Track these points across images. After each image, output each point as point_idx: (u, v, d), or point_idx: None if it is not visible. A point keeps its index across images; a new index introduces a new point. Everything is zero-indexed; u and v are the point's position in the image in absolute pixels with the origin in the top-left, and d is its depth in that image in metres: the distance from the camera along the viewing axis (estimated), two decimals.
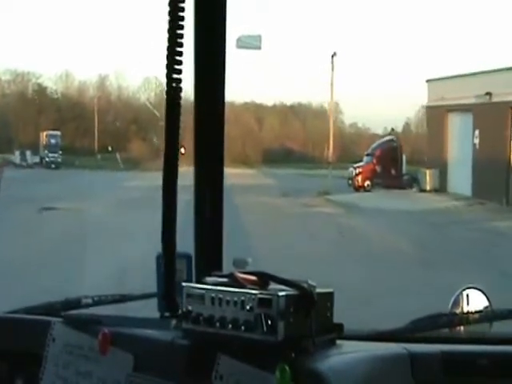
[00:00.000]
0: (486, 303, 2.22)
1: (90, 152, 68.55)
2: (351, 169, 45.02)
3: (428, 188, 39.80)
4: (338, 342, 1.93)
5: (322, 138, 72.68)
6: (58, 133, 63.34)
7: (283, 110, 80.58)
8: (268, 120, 76.96)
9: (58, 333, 2.23)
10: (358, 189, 42.88)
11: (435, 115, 40.90)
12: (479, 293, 2.24)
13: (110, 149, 64.87)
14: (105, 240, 17.72)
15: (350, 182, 44.19)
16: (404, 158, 46.95)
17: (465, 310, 2.20)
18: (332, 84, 47.70)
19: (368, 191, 42.31)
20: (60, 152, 61.03)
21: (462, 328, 2.12)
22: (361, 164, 45.55)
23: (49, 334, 2.24)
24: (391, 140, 47.90)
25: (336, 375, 1.73)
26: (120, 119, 75.10)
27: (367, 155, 46.72)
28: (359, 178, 43.74)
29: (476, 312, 2.17)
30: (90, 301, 2.43)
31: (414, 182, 43.18)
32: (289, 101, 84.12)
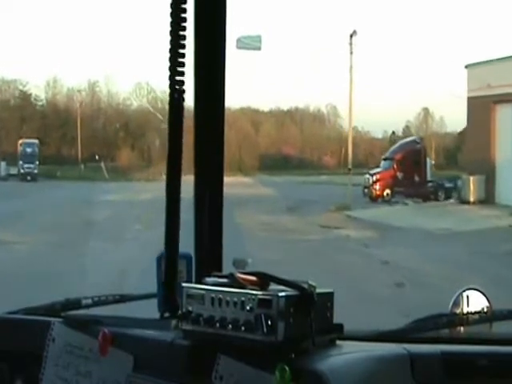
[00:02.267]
0: (486, 304, 2.22)
1: (77, 161, 65.04)
2: (367, 176, 39.22)
3: (472, 199, 32.29)
4: (338, 342, 1.94)
5: (321, 142, 72.54)
6: (35, 141, 58.27)
7: (280, 115, 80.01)
8: (264, 125, 76.18)
9: (58, 333, 2.23)
10: (375, 199, 37.11)
11: (478, 108, 32.64)
12: (479, 293, 2.24)
13: (97, 157, 61.70)
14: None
15: (366, 190, 38.31)
16: (429, 162, 40.98)
17: (465, 311, 2.20)
18: (351, 68, 38.12)
19: (387, 201, 36.25)
20: (37, 162, 55.79)
21: (462, 328, 2.13)
22: (378, 170, 39.74)
23: (49, 335, 2.24)
24: (414, 141, 41.54)
25: (336, 375, 1.73)
26: (109, 126, 72.81)
27: (385, 160, 40.66)
28: (377, 186, 37.98)
29: (476, 312, 2.17)
30: (89, 301, 2.44)
31: (440, 189, 38.08)
32: (285, 105, 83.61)
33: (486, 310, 2.21)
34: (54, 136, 68.04)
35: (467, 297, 2.21)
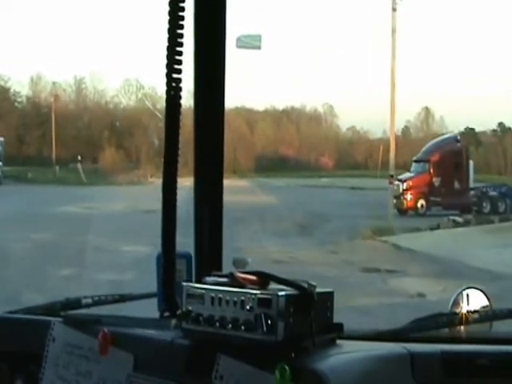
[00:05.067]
0: (486, 303, 2.22)
1: (59, 162, 58.54)
2: (396, 182, 29.68)
3: None
4: (338, 341, 1.94)
5: (318, 143, 72.02)
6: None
7: (276, 115, 79.13)
8: (260, 125, 75.18)
9: (58, 333, 2.23)
10: (405, 211, 29.33)
11: None
12: (479, 293, 2.24)
13: (79, 158, 56.49)
14: None
15: (395, 201, 28.67)
16: (472, 164, 32.68)
17: (465, 310, 2.20)
18: (394, 31, 26.97)
19: (422, 215, 28.63)
20: (0, 163, 49.21)
21: (462, 328, 2.12)
22: (409, 175, 31.80)
23: (49, 334, 2.24)
24: (453, 139, 33.45)
25: (336, 375, 1.73)
26: (94, 124, 68.03)
27: (418, 162, 32.54)
28: (408, 195, 30.01)
29: (476, 312, 2.17)
30: (89, 301, 2.44)
31: (484, 199, 30.51)
32: (281, 105, 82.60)
33: (486, 309, 2.21)
34: (33, 135, 64.15)
35: (467, 296, 2.21)
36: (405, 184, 30.42)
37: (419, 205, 30.06)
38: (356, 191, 34.19)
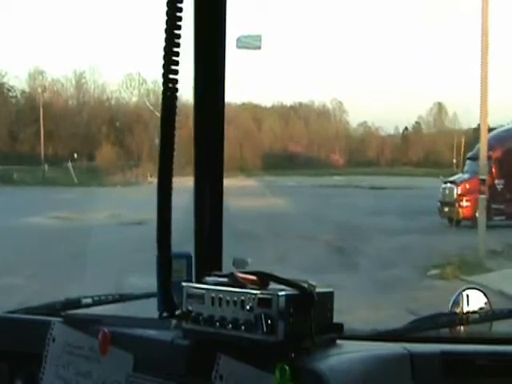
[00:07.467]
0: (486, 303, 2.22)
1: (52, 161, 54.89)
2: (448, 185, 24.14)
3: None
4: (338, 341, 1.94)
5: (328, 139, 71.43)
6: None
7: (283, 111, 78.46)
8: (267, 121, 74.31)
9: (58, 333, 2.23)
10: (458, 221, 22.67)
11: None
12: (479, 293, 2.24)
13: (75, 156, 54.47)
14: None
15: (447, 209, 23.12)
16: None
17: (465, 310, 2.20)
18: None
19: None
20: None
21: (462, 328, 2.13)
22: (465, 177, 24.49)
23: (49, 334, 2.24)
24: None
25: (336, 375, 1.73)
26: (92, 120, 64.15)
27: (473, 159, 23.05)
28: (464, 201, 22.77)
29: (476, 312, 2.17)
30: (89, 301, 2.44)
31: None
32: (289, 101, 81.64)
33: (486, 309, 2.21)
34: (27, 131, 60.55)
35: (467, 296, 2.21)
36: (459, 187, 23.48)
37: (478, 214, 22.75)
38: (377, 192, 30.05)
